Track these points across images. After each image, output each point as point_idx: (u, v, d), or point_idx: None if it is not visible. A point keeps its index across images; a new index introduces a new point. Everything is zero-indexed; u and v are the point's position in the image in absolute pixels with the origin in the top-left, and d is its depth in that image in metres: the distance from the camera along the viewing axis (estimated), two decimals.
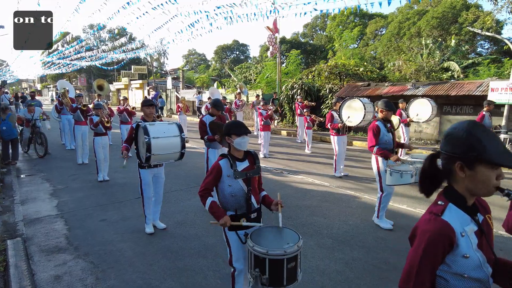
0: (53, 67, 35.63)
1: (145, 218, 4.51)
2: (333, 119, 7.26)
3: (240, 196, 2.59)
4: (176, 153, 4.05)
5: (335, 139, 7.28)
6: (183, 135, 4.07)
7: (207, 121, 5.25)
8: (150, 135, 3.79)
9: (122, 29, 19.63)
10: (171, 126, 4.11)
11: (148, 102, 4.48)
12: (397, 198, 5.96)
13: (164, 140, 3.91)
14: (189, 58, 60.25)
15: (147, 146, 3.75)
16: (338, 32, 36.33)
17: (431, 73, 16.79)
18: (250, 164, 2.69)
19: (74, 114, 8.63)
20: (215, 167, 2.59)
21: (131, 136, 4.32)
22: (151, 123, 4.07)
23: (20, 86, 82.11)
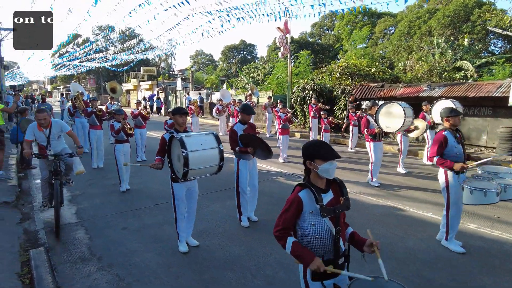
0: (63, 69, 35.95)
1: (178, 235, 4.17)
2: (369, 124, 6.84)
3: (326, 238, 2.07)
4: (215, 166, 3.75)
5: (372, 146, 6.85)
6: (221, 146, 3.79)
7: (238, 130, 4.86)
8: (188, 148, 3.48)
9: (131, 31, 19.63)
10: (208, 137, 3.82)
11: (181, 111, 4.13)
12: (420, 204, 5.82)
13: (202, 153, 3.61)
14: (196, 58, 60.34)
15: (184, 161, 3.45)
16: (346, 32, 36.04)
17: (443, 73, 16.50)
18: (335, 196, 2.15)
19: (89, 118, 8.58)
20: (295, 201, 2.08)
21: (164, 148, 4.01)
22: (187, 134, 3.77)
23: (30, 87, 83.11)
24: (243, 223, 4.94)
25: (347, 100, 13.25)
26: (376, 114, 6.72)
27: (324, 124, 10.20)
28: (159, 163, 3.99)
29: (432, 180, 7.41)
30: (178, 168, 3.69)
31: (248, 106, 5.08)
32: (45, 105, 12.30)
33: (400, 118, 6.43)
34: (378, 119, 6.65)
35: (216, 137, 3.85)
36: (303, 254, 2.01)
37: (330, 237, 2.07)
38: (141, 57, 24.36)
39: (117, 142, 6.70)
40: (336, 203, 2.12)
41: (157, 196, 6.29)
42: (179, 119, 4.06)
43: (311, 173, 2.14)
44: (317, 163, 2.06)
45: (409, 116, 6.45)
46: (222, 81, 33.08)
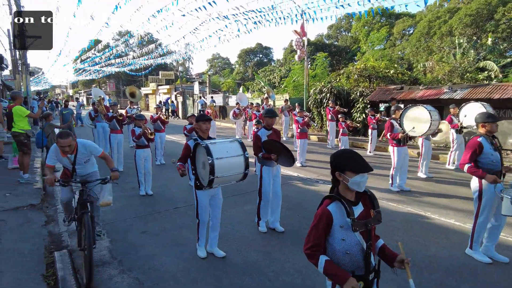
0: (84, 74, 37.08)
1: (198, 239, 4.14)
2: (393, 128, 6.66)
3: (357, 254, 1.96)
4: (240, 174, 3.70)
5: (395, 151, 6.65)
6: (246, 153, 3.73)
7: (262, 136, 4.76)
8: (214, 156, 3.43)
9: (150, 36, 20.10)
10: (233, 144, 3.78)
11: (205, 117, 4.09)
12: (442, 210, 5.66)
13: (228, 160, 3.56)
14: (213, 62, 60.99)
15: (210, 168, 3.40)
16: (363, 33, 35.62)
17: (465, 74, 16.03)
18: (365, 208, 2.04)
19: (110, 123, 8.79)
20: (324, 215, 1.97)
21: (188, 155, 3.98)
22: (212, 141, 3.71)
23: (53, 91, 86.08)
24: (260, 228, 4.90)
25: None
26: (400, 118, 6.54)
27: (342, 128, 10.10)
28: (183, 169, 3.94)
29: (454, 185, 7.21)
30: (203, 176, 3.65)
31: (272, 111, 4.98)
32: (67, 109, 12.65)
33: (426, 122, 6.23)
34: (403, 123, 6.47)
35: (241, 144, 3.80)
36: (338, 274, 1.91)
37: (361, 253, 1.97)
38: (159, 61, 24.85)
39: (137, 148, 6.72)
40: (367, 216, 2.01)
41: (176, 200, 6.37)
42: (203, 125, 4.02)
43: (339, 184, 2.04)
44: (347, 175, 1.96)
45: (435, 119, 6.25)
46: (239, 84, 33.30)
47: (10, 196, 6.12)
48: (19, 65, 18.50)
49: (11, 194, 6.22)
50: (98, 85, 50.30)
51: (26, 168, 7.09)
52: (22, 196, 6.17)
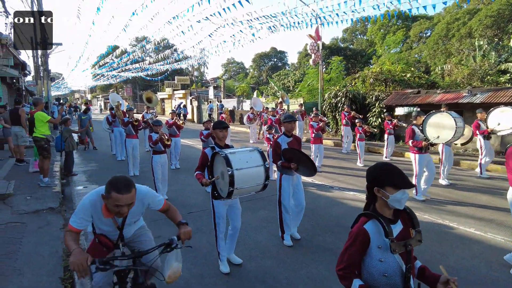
0: (102, 79, 38.01)
1: (219, 255, 3.94)
2: (414, 135, 6.43)
3: (396, 276, 1.82)
4: (260, 185, 3.56)
5: (417, 158, 6.43)
6: (267, 164, 3.60)
7: (282, 143, 4.59)
8: (233, 166, 3.31)
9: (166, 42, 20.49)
10: (253, 154, 3.62)
11: (222, 124, 3.93)
12: (461, 219, 5.50)
13: (248, 171, 3.43)
14: (228, 66, 61.50)
15: (230, 179, 3.28)
16: (379, 36, 35.20)
17: (486, 77, 15.60)
18: (404, 227, 1.90)
19: (126, 128, 8.95)
20: (360, 234, 1.82)
21: (205, 163, 3.83)
22: (231, 151, 3.55)
23: (73, 96, 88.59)
24: (285, 242, 4.65)
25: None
26: (423, 124, 6.31)
27: (359, 133, 9.94)
28: (203, 179, 3.75)
29: (474, 193, 7.00)
30: (222, 186, 3.55)
31: (290, 114, 4.80)
32: (86, 115, 12.97)
33: (450, 129, 6.00)
34: (425, 129, 6.26)
35: (261, 154, 3.67)
36: None
37: (399, 275, 1.82)
38: (175, 66, 25.26)
39: (154, 153, 6.71)
40: (406, 235, 1.87)
41: (191, 205, 6.42)
42: (220, 133, 3.87)
43: (376, 200, 1.90)
44: (387, 191, 1.81)
45: (460, 126, 6.03)
46: (253, 88, 33.43)
47: (30, 199, 6.30)
48: (41, 71, 19.15)
49: (32, 197, 6.41)
50: (116, 90, 51.49)
51: (46, 172, 7.29)
52: (42, 199, 6.34)
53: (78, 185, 8.02)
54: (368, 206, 1.97)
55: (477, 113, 8.23)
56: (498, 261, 4.07)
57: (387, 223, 1.81)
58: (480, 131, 8.01)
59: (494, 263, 4.06)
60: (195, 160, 10.50)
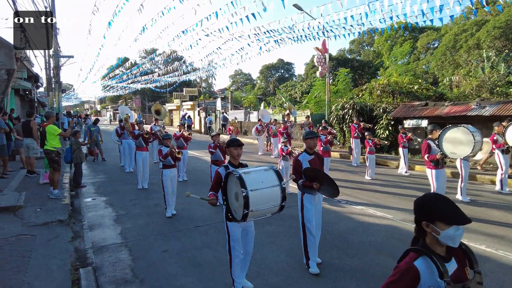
0: (112, 90, 38.66)
1: (233, 282, 3.73)
2: (430, 150, 6.27)
3: None
4: (276, 206, 3.35)
5: (433, 174, 6.26)
6: (283, 183, 3.39)
7: (303, 161, 4.31)
8: (248, 187, 3.13)
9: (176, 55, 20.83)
10: (268, 173, 3.43)
11: (236, 142, 3.75)
12: (471, 235, 5.40)
13: (263, 192, 3.24)
14: (235, 78, 62.07)
15: (245, 201, 3.10)
16: (386, 47, 35.26)
17: (495, 88, 15.47)
18: (459, 266, 1.71)
19: (136, 140, 9.02)
20: (409, 272, 1.63)
21: (219, 184, 3.65)
22: (245, 170, 3.37)
23: (83, 107, 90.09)
24: (311, 269, 4.24)
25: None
26: (439, 139, 6.15)
27: (369, 146, 9.77)
28: (213, 198, 3.63)
29: (486, 208, 6.87)
30: (236, 208, 3.36)
31: (314, 133, 4.47)
32: (95, 127, 13.16)
33: (468, 145, 5.84)
34: (442, 144, 6.11)
35: (277, 173, 3.47)
36: None
37: None
38: (183, 78, 25.61)
39: (164, 167, 6.61)
40: (462, 276, 1.67)
41: (197, 218, 6.43)
42: (234, 151, 3.70)
43: (426, 235, 1.72)
44: (438, 226, 1.63)
45: (478, 141, 5.88)
46: (260, 99, 33.60)
47: (40, 211, 6.39)
48: (53, 83, 19.58)
49: (41, 209, 6.49)
50: (125, 101, 52.24)
51: (56, 184, 7.40)
52: (52, 211, 6.42)
53: (86, 197, 8.11)
54: (416, 240, 1.78)
55: (494, 126, 8.00)
56: (511, 280, 3.98)
57: (441, 261, 1.62)
58: (497, 145, 7.77)
59: (506, 282, 3.97)
60: (202, 172, 10.59)
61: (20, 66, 14.52)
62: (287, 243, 5.18)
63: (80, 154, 8.82)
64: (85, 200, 7.89)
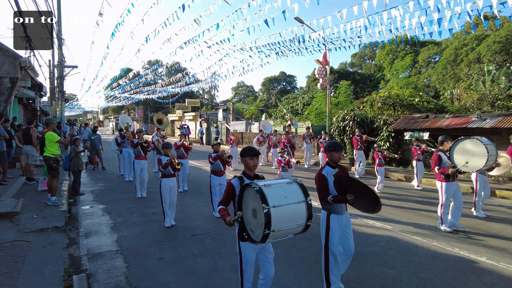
0: (115, 100, 38.97)
1: None
2: (441, 162, 6.03)
3: None
4: (300, 226, 2.88)
5: (444, 187, 5.99)
6: (309, 199, 2.93)
7: (328, 176, 3.74)
8: (270, 203, 2.68)
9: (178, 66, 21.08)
10: (292, 187, 2.98)
11: (251, 151, 3.32)
12: (472, 247, 5.32)
13: (287, 208, 2.79)
14: (238, 90, 62.55)
15: (266, 220, 2.64)
16: (388, 61, 35.56)
17: (496, 102, 15.49)
18: None
19: (135, 149, 8.99)
20: None
21: (231, 197, 3.24)
22: (265, 183, 2.90)
23: (86, 117, 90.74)
24: None
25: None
26: (450, 151, 5.92)
27: (379, 158, 9.52)
28: (228, 216, 3.06)
29: (486, 221, 6.78)
30: (254, 227, 2.90)
31: (336, 142, 4.01)
32: (95, 135, 13.23)
33: (481, 158, 5.58)
34: (453, 156, 5.87)
35: (302, 186, 3.01)
36: None
37: None
38: (186, 89, 25.84)
39: (163, 177, 6.44)
40: None
41: (194, 227, 6.37)
42: (250, 161, 3.29)
43: None
44: None
45: (492, 154, 5.65)
46: (262, 111, 33.76)
47: (37, 217, 6.36)
48: (56, 93, 19.78)
49: (38, 215, 6.46)
50: (127, 111, 52.57)
51: (54, 191, 7.39)
52: (48, 218, 6.39)
53: (84, 205, 8.08)
54: None
55: (511, 139, 7.71)
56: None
57: None
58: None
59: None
60: (202, 182, 10.53)
61: (24, 75, 14.70)
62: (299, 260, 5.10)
63: (78, 162, 8.83)
64: (83, 207, 7.86)
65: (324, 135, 13.04)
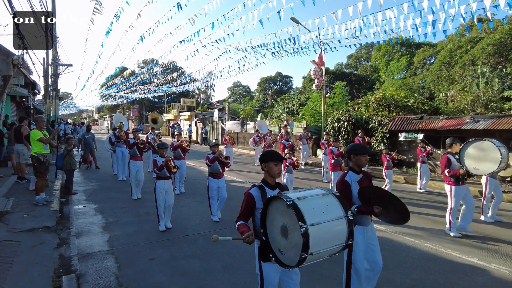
0: (110, 99, 38.74)
1: None
2: (450, 165, 5.79)
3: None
4: (339, 246, 2.42)
5: (453, 190, 5.79)
6: (350, 214, 2.48)
7: (352, 183, 3.41)
8: (307, 221, 2.23)
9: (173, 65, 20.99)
10: (328, 199, 2.54)
11: (276, 156, 2.86)
12: (465, 248, 5.33)
13: (326, 226, 2.35)
14: (234, 90, 62.48)
15: (304, 241, 2.19)
16: (383, 62, 35.74)
17: (489, 104, 15.62)
18: None
19: (131, 150, 8.67)
20: None
21: (251, 210, 2.82)
22: (298, 194, 2.43)
23: (80, 115, 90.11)
24: None
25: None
26: (460, 154, 5.73)
27: (387, 161, 9.17)
28: (249, 233, 2.66)
29: (479, 223, 6.79)
30: (283, 248, 2.44)
31: (361, 145, 3.64)
32: (89, 134, 13.12)
33: (493, 161, 5.43)
34: (463, 159, 5.68)
35: (339, 198, 2.57)
36: None
37: None
38: (181, 89, 25.73)
39: (158, 179, 6.11)
40: None
41: (187, 227, 6.32)
42: (274, 168, 2.83)
43: None
44: None
45: (505, 156, 5.49)
46: (257, 111, 33.74)
47: (27, 217, 6.27)
48: (50, 91, 19.61)
49: (29, 215, 6.37)
50: (122, 111, 52.29)
51: (38, 190, 7.20)
52: (39, 217, 6.30)
53: (77, 204, 7.99)
54: None
55: None
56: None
57: None
58: None
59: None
60: (196, 182, 10.46)
61: (17, 73, 14.53)
62: None
63: (71, 161, 8.72)
64: (75, 207, 7.76)
65: (326, 136, 12.62)
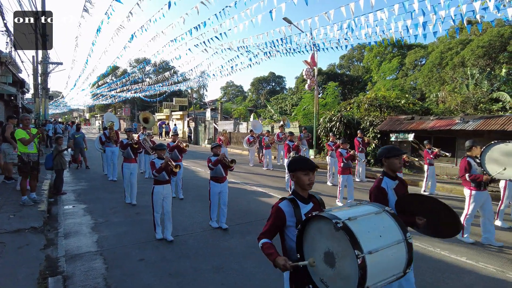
0: (101, 98, 38.32)
1: None
2: (470, 168, 5.50)
3: None
4: (397, 275, 1.98)
5: (473, 195, 5.49)
6: (409, 237, 2.03)
7: (388, 189, 3.12)
8: (364, 248, 1.79)
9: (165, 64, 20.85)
10: (383, 219, 2.09)
11: (307, 164, 2.36)
12: (454, 247, 5.38)
13: (384, 254, 1.89)
14: (227, 89, 62.36)
15: (361, 274, 1.75)
16: (375, 63, 36.00)
17: (479, 105, 15.85)
18: None
19: (124, 151, 8.13)
20: None
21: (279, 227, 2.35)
22: (349, 214, 1.99)
23: (71, 115, 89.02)
24: None
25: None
26: (481, 157, 5.38)
27: (429, 157, 8.95)
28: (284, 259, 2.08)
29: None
30: (327, 278, 2.00)
31: (395, 147, 3.33)
32: (79, 133, 12.95)
33: None
34: (485, 163, 5.33)
35: (395, 217, 2.11)
36: None
37: None
38: (174, 88, 25.56)
39: (156, 183, 5.57)
40: None
41: (178, 228, 6.24)
42: (305, 178, 2.33)
43: None
44: None
45: None
46: (250, 111, 33.71)
47: (14, 218, 6.15)
48: (40, 90, 19.30)
49: (15, 215, 6.25)
50: (114, 110, 51.78)
51: (23, 191, 7.05)
52: (26, 218, 6.18)
53: (65, 204, 7.86)
54: None
55: None
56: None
57: None
58: None
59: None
60: (189, 183, 10.35)
61: (5, 71, 14.28)
62: None
63: (61, 160, 8.58)
64: (64, 207, 7.64)
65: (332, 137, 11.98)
